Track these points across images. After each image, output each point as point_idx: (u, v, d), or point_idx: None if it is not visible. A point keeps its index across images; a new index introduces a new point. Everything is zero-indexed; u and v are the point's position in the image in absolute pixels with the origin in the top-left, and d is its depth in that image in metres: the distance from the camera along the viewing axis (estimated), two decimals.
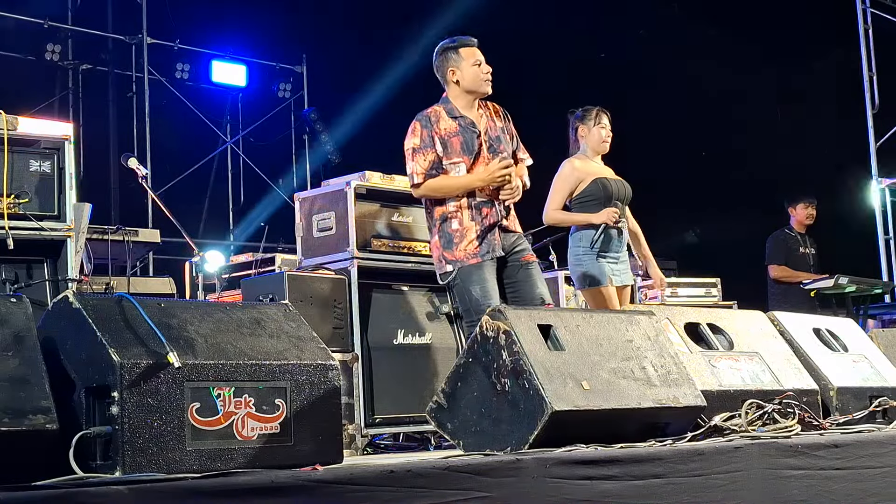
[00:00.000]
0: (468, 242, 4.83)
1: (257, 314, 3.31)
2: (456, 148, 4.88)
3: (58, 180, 4.58)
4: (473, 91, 4.99)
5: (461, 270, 4.80)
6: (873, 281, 8.97)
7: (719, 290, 9.33)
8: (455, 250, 4.83)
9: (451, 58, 4.99)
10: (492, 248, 4.84)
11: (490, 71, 4.99)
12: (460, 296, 4.84)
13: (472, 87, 4.98)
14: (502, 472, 2.86)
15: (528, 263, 4.94)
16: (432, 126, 4.89)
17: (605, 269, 5.59)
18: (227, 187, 12.45)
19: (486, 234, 4.85)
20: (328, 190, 5.46)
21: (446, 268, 4.85)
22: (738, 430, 3.85)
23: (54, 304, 3.06)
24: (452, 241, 4.83)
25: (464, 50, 4.99)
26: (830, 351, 4.85)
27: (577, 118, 5.93)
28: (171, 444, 2.84)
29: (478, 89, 4.98)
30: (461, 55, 4.98)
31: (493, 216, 4.88)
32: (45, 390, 2.72)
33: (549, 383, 3.44)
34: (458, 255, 4.82)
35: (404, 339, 5.35)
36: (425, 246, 5.52)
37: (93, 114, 11.42)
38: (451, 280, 4.84)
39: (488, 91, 5.00)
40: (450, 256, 4.84)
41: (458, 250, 4.82)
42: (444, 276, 4.88)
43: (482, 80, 4.97)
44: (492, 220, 4.87)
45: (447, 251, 4.84)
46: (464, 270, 4.80)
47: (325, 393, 3.19)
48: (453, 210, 4.87)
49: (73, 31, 11.17)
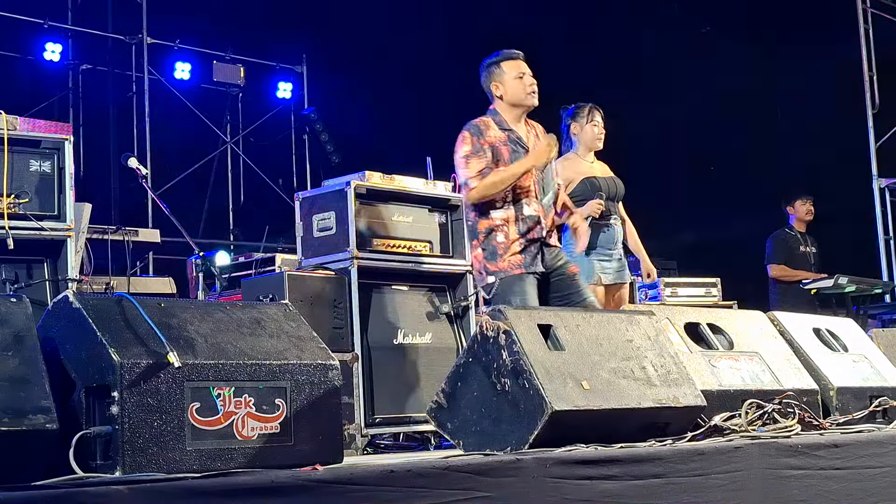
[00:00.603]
0: (512, 254, 4.80)
1: (257, 314, 3.31)
2: (505, 157, 4.85)
3: (58, 180, 4.58)
4: (518, 104, 4.95)
5: (503, 281, 4.76)
6: (873, 281, 8.97)
7: (719, 290, 9.33)
8: (499, 261, 4.80)
9: (494, 72, 4.98)
10: (535, 262, 4.83)
11: (535, 83, 4.95)
12: None
13: (516, 101, 4.94)
14: (502, 472, 2.86)
15: (574, 275, 4.95)
16: (482, 135, 4.86)
17: (594, 267, 5.58)
18: (227, 187, 12.45)
19: (530, 247, 4.83)
20: (328, 190, 5.46)
21: (488, 279, 4.81)
22: (738, 430, 3.85)
23: (54, 304, 3.06)
24: (496, 253, 4.81)
25: (506, 63, 4.97)
26: (830, 351, 4.85)
27: (570, 115, 5.90)
28: (171, 444, 2.84)
29: (522, 102, 4.95)
30: (503, 69, 4.96)
31: (538, 232, 4.87)
32: (45, 390, 2.72)
33: (549, 383, 3.44)
34: (502, 265, 4.79)
35: (404, 339, 5.35)
36: (425, 246, 5.52)
37: (93, 114, 11.42)
38: (491, 293, 4.79)
39: (534, 103, 4.96)
40: (492, 267, 4.81)
41: (501, 261, 4.79)
42: (486, 289, 4.83)
43: (526, 92, 4.93)
44: (536, 235, 4.86)
45: (490, 262, 4.81)
46: (506, 282, 4.76)
47: (325, 393, 3.19)
48: (500, 223, 4.83)
49: (73, 31, 11.16)
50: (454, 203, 5.63)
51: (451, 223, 5.66)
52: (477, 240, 4.87)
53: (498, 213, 4.84)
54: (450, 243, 5.63)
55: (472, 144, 4.85)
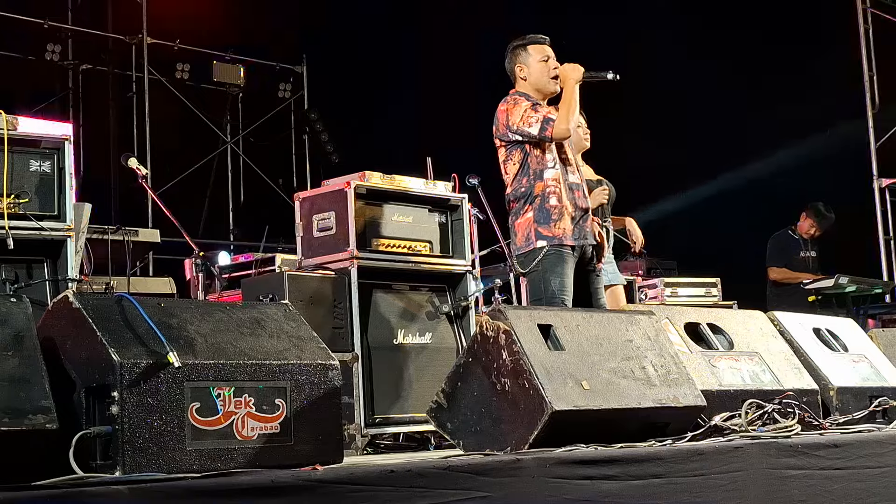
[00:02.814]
0: (565, 223, 4.84)
1: (257, 314, 3.31)
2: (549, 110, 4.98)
3: (58, 180, 4.57)
4: (540, 89, 5.06)
5: (549, 256, 4.77)
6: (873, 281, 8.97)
7: (719, 290, 9.33)
8: (553, 226, 4.82)
9: (520, 54, 5.08)
10: (584, 235, 4.88)
11: (557, 67, 5.02)
12: (536, 283, 4.80)
13: (539, 84, 5.05)
14: (502, 472, 2.86)
15: (598, 272, 5.04)
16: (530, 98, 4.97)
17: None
18: (228, 187, 12.45)
19: (581, 220, 4.89)
20: (328, 190, 5.45)
21: (536, 244, 4.81)
22: (738, 430, 3.85)
23: (54, 304, 3.06)
24: (551, 217, 4.84)
25: (532, 47, 5.08)
26: (830, 351, 4.85)
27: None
28: (171, 443, 2.84)
29: (545, 87, 5.05)
30: (529, 52, 5.07)
31: (582, 200, 4.96)
32: (45, 390, 2.72)
33: (549, 383, 3.44)
34: (557, 231, 4.82)
35: (404, 339, 5.35)
36: (425, 246, 5.51)
37: (93, 114, 11.42)
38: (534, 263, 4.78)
39: (556, 89, 5.04)
40: (545, 232, 4.82)
41: (556, 227, 4.82)
42: (529, 256, 4.81)
43: (549, 77, 5.02)
44: (583, 204, 4.95)
45: (543, 226, 4.83)
46: (551, 256, 4.78)
47: (325, 393, 3.19)
48: (553, 185, 4.90)
49: (73, 31, 11.16)
50: (454, 203, 5.63)
51: (451, 223, 5.65)
52: (529, 204, 4.90)
53: (550, 173, 4.92)
54: (450, 243, 5.62)
55: (526, 100, 4.95)
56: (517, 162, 5.01)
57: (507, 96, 5.05)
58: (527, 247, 4.86)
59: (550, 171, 4.93)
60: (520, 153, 5.00)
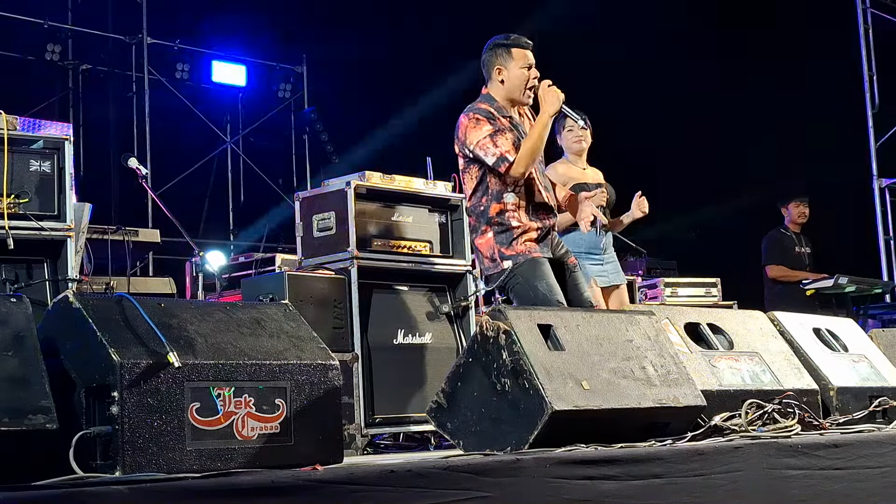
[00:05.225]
0: (527, 239, 4.64)
1: (257, 314, 3.31)
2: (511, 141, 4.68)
3: (58, 180, 4.57)
4: (513, 98, 4.77)
5: (522, 266, 4.58)
6: (873, 281, 8.96)
7: (719, 290, 9.32)
8: (515, 245, 4.61)
9: (502, 55, 4.74)
10: (547, 248, 4.69)
11: (538, 77, 4.72)
12: (522, 293, 4.57)
13: (514, 94, 4.74)
14: (502, 472, 2.86)
15: (574, 266, 4.85)
16: (494, 117, 4.67)
17: (587, 271, 5.58)
18: (228, 187, 12.45)
19: (542, 233, 4.70)
20: (328, 190, 5.45)
21: (503, 265, 4.61)
22: (738, 430, 3.85)
23: (54, 304, 3.06)
24: (513, 238, 4.63)
25: (516, 50, 4.74)
26: (830, 351, 4.85)
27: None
28: (171, 443, 2.84)
29: (518, 97, 4.75)
30: (512, 55, 4.73)
31: (550, 219, 4.76)
32: (45, 390, 2.72)
33: (549, 383, 3.44)
34: (519, 248, 4.61)
35: (404, 339, 5.35)
36: (425, 246, 5.51)
37: (93, 114, 11.41)
38: (508, 279, 4.59)
39: (529, 103, 4.77)
40: (508, 252, 4.62)
41: (518, 244, 4.61)
42: (496, 277, 4.63)
43: (526, 87, 4.71)
44: (549, 222, 4.75)
45: (504, 247, 4.62)
46: (526, 266, 4.58)
47: (325, 393, 3.19)
48: (512, 208, 4.67)
49: (73, 31, 11.15)
50: (454, 203, 5.63)
51: (451, 223, 5.65)
52: (488, 225, 4.69)
53: (510, 197, 4.67)
54: (450, 243, 5.63)
55: (489, 124, 4.65)
56: (475, 178, 4.74)
57: (471, 108, 4.74)
58: (495, 268, 4.66)
59: (510, 196, 4.67)
60: (478, 170, 4.73)
